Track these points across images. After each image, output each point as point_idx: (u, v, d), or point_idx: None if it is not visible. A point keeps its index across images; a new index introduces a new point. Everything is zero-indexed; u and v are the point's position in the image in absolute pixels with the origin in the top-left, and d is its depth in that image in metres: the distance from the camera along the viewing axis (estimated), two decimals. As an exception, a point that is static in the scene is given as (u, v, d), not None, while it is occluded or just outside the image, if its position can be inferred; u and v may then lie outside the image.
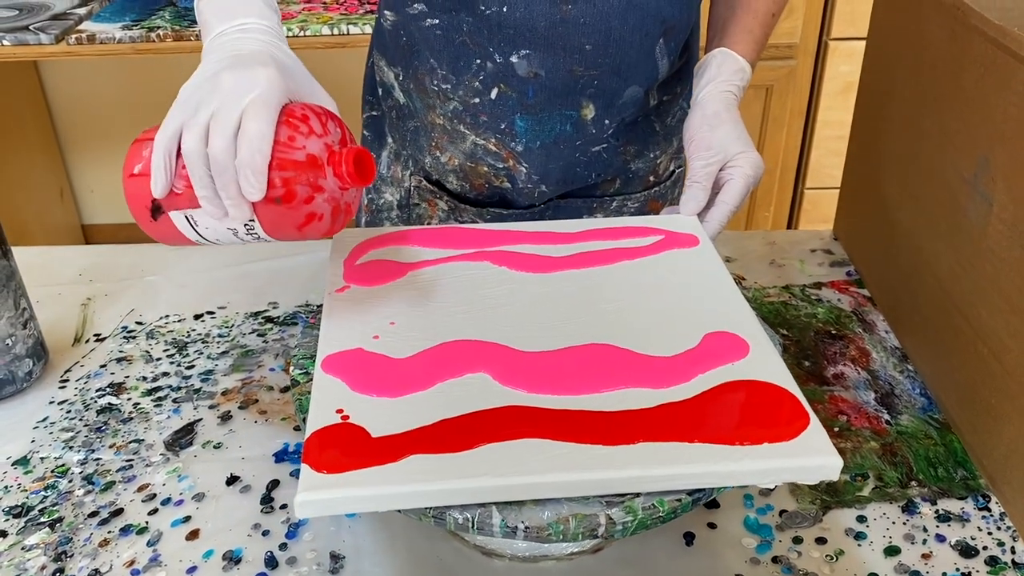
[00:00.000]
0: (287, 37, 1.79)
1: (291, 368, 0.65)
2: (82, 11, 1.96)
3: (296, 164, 0.58)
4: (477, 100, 0.87)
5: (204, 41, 0.66)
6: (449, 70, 0.87)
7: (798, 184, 2.20)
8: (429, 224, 0.99)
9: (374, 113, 1.02)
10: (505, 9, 0.80)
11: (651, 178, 0.99)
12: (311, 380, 0.63)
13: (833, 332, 0.88)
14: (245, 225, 0.61)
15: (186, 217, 0.63)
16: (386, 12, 0.92)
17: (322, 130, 0.60)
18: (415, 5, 0.86)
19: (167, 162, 0.60)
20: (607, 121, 0.88)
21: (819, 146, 2.11)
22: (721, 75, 0.83)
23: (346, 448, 0.53)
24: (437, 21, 0.85)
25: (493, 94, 0.86)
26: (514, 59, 0.83)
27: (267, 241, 0.63)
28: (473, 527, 0.51)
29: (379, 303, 0.67)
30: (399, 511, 0.52)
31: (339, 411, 0.56)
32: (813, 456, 0.53)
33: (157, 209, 0.63)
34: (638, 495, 0.52)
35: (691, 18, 0.87)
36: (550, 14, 0.80)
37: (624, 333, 0.64)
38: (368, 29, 1.81)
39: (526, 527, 0.51)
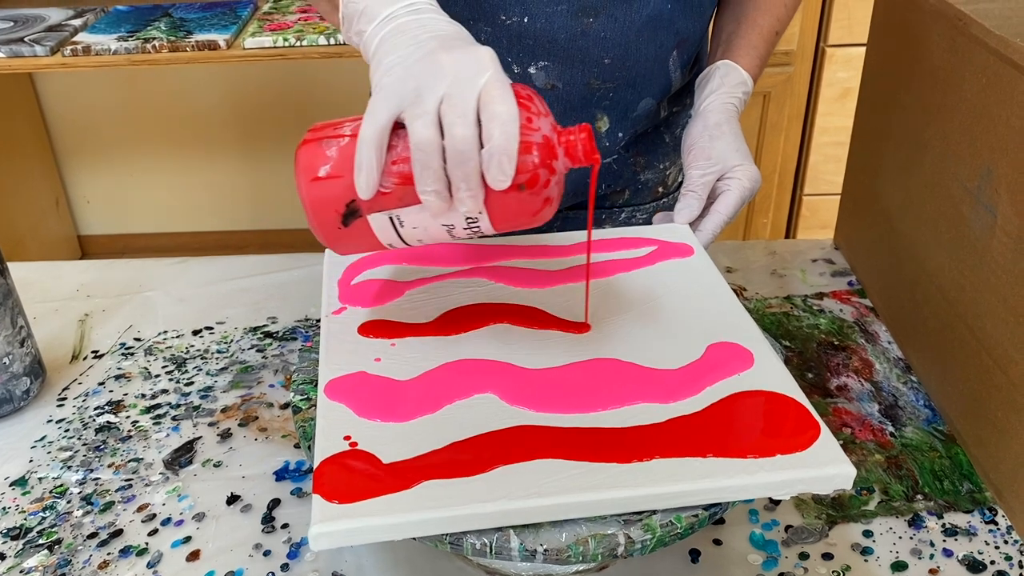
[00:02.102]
0: (282, 47, 1.80)
1: (292, 395, 0.65)
2: (77, 23, 1.95)
3: (538, 146, 0.54)
4: None
5: (361, 26, 0.61)
6: None
7: (796, 190, 2.20)
8: None
9: None
10: (526, 20, 0.80)
11: (660, 189, 0.99)
12: (313, 406, 0.62)
13: (836, 343, 0.88)
14: (467, 219, 0.56)
15: (391, 218, 0.57)
16: None
17: (545, 109, 0.56)
18: None
19: (378, 158, 0.54)
20: (620, 134, 0.88)
21: (817, 152, 2.11)
22: (724, 86, 0.83)
23: (357, 476, 0.52)
24: None
25: None
26: (532, 70, 0.83)
27: (478, 236, 0.58)
28: (491, 552, 0.51)
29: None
30: (414, 537, 0.51)
31: (347, 437, 0.55)
32: (826, 466, 0.53)
33: (352, 213, 0.57)
34: (655, 512, 0.52)
35: (703, 30, 0.87)
36: (571, 27, 0.80)
37: (627, 346, 0.63)
38: (364, 39, 1.80)
39: (545, 550, 0.51)
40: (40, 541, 0.68)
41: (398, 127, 0.55)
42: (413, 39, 0.57)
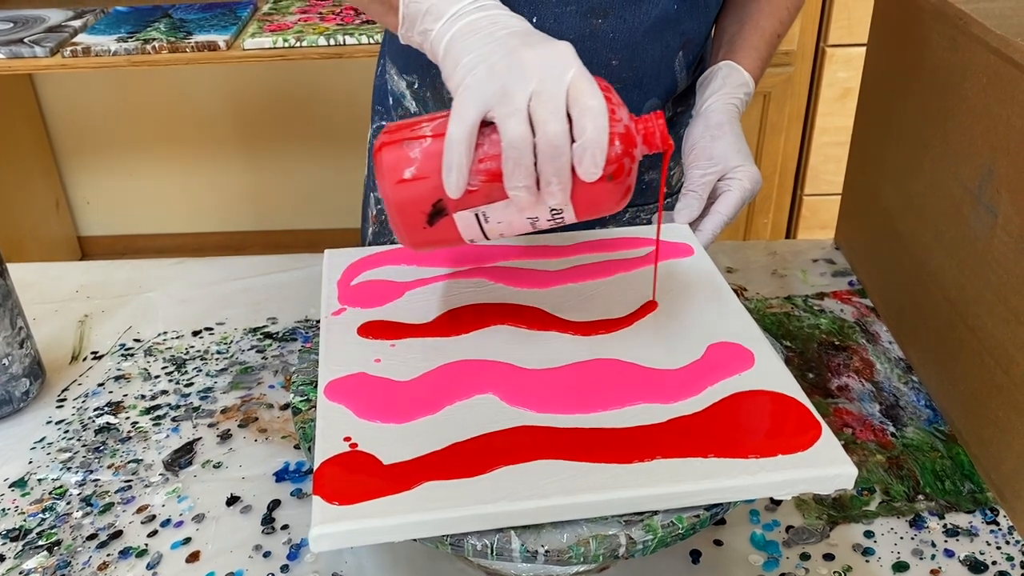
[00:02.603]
0: (281, 48, 1.80)
1: (292, 396, 0.65)
2: (77, 24, 1.95)
3: (621, 137, 0.55)
4: None
5: (427, 25, 0.62)
6: None
7: (796, 191, 2.20)
8: None
9: (383, 123, 1.01)
10: (535, 20, 0.80)
11: (664, 189, 0.99)
12: (313, 407, 0.62)
13: (836, 343, 0.88)
14: (552, 211, 0.57)
15: (476, 215, 0.58)
16: None
17: (619, 100, 0.57)
18: None
19: (468, 158, 0.55)
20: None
21: (817, 152, 2.11)
22: (726, 87, 0.83)
23: (358, 477, 0.52)
24: None
25: None
26: None
27: (560, 225, 0.59)
28: (492, 553, 0.51)
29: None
30: (415, 539, 0.51)
31: (347, 439, 0.55)
32: (828, 466, 0.53)
33: (439, 213, 0.57)
34: (656, 513, 0.52)
35: (708, 31, 0.87)
36: (580, 28, 0.80)
37: (627, 347, 0.63)
38: (365, 40, 1.80)
39: (546, 551, 0.51)
40: (40, 542, 0.68)
41: (481, 126, 0.56)
42: (489, 36, 0.58)
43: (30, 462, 0.75)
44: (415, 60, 0.92)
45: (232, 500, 0.71)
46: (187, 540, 0.68)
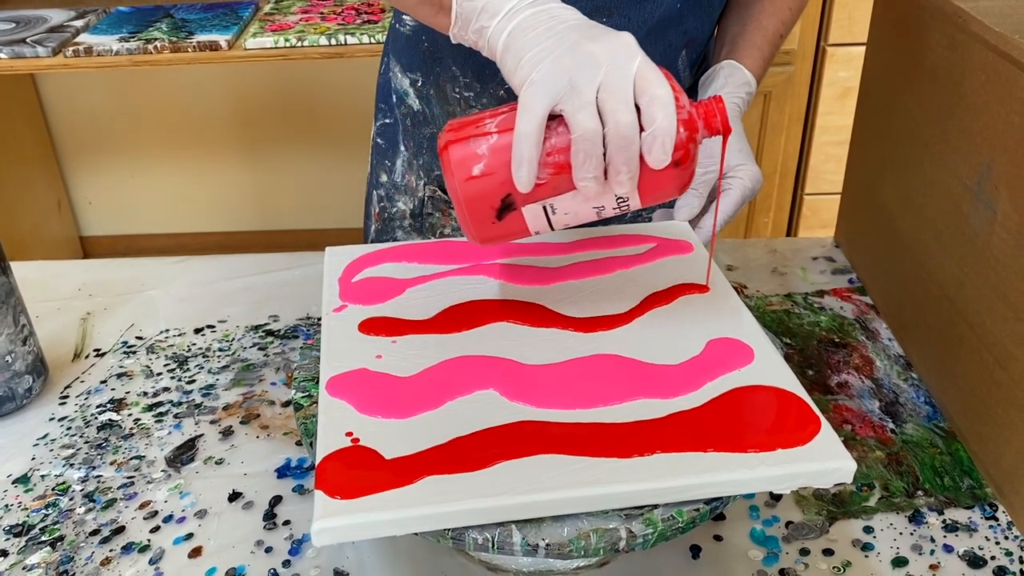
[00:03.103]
0: (283, 48, 1.80)
1: (293, 392, 0.65)
2: (79, 23, 1.96)
3: (685, 123, 0.57)
4: None
5: (483, 23, 0.62)
6: (474, 78, 0.87)
7: (797, 190, 2.20)
8: (442, 232, 0.99)
9: (387, 121, 1.01)
10: None
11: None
12: (314, 403, 0.62)
13: (836, 340, 0.88)
14: (618, 199, 0.59)
15: (545, 207, 0.59)
16: (404, 18, 0.91)
17: (680, 86, 0.58)
18: None
19: (538, 152, 0.56)
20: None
21: (818, 151, 2.11)
22: (728, 86, 0.83)
23: (359, 471, 0.52)
24: None
25: None
26: None
27: (625, 212, 0.61)
28: (493, 547, 0.51)
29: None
30: (416, 533, 0.51)
31: (348, 434, 0.55)
32: (827, 460, 0.53)
33: (508, 207, 0.59)
34: (656, 507, 0.52)
35: (711, 29, 0.88)
36: None
37: (627, 343, 0.63)
38: (366, 39, 1.81)
39: (547, 544, 0.51)
40: (43, 538, 0.68)
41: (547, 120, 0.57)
42: (549, 31, 0.58)
43: (33, 458, 0.76)
44: (419, 58, 0.92)
45: (234, 496, 0.71)
46: (189, 536, 0.68)
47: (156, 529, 0.69)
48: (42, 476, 0.74)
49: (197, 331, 0.92)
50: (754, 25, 0.87)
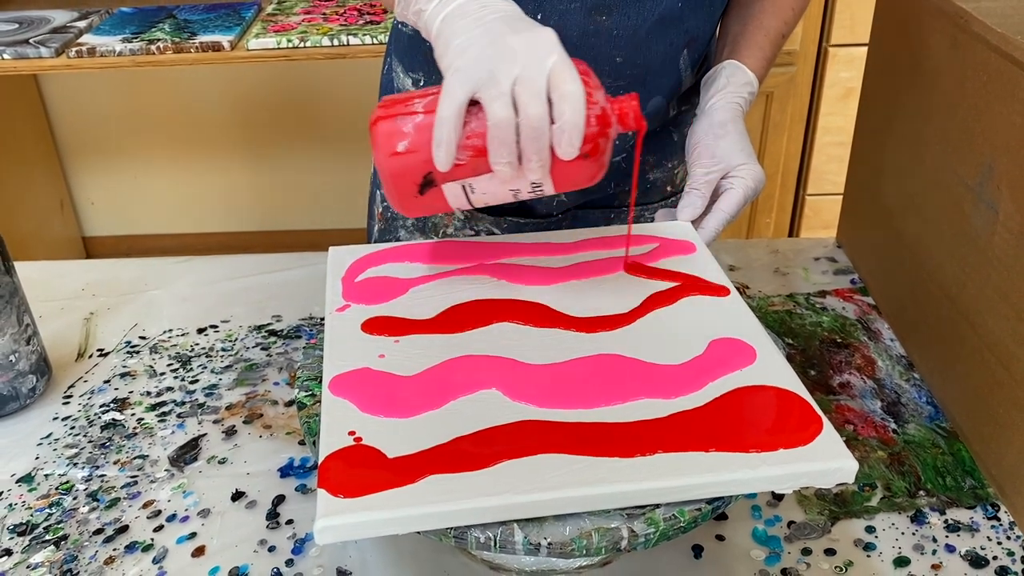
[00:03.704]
0: (285, 48, 1.81)
1: (296, 391, 0.65)
2: (82, 24, 1.96)
3: (597, 118, 0.60)
4: None
5: (420, 5, 0.65)
6: None
7: (799, 190, 2.20)
8: (445, 231, 0.99)
9: None
10: (539, 17, 0.80)
11: (668, 188, 0.99)
12: (317, 402, 0.62)
13: (838, 341, 0.88)
14: (532, 184, 0.62)
15: (464, 186, 0.63)
16: None
17: (597, 82, 0.61)
18: None
19: (456, 135, 0.59)
20: (630, 132, 0.88)
21: (820, 152, 2.11)
22: (730, 86, 0.83)
23: (362, 470, 0.52)
24: None
25: None
26: None
27: (540, 196, 0.64)
28: (495, 546, 0.51)
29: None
30: (418, 532, 0.51)
31: (351, 433, 0.55)
32: (829, 460, 0.53)
33: (428, 183, 0.63)
34: (658, 506, 0.52)
35: (712, 29, 0.88)
36: (583, 24, 0.81)
37: (630, 343, 0.63)
38: (368, 40, 1.81)
39: (549, 543, 0.51)
40: (47, 537, 0.68)
41: (469, 104, 0.60)
42: (478, 21, 0.61)
43: (37, 458, 0.76)
44: (420, 58, 0.92)
45: (237, 495, 0.72)
46: (192, 535, 0.68)
47: (159, 528, 0.69)
48: (46, 475, 0.74)
49: (200, 331, 0.92)
50: (756, 24, 0.87)
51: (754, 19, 0.88)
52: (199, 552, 0.67)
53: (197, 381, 0.85)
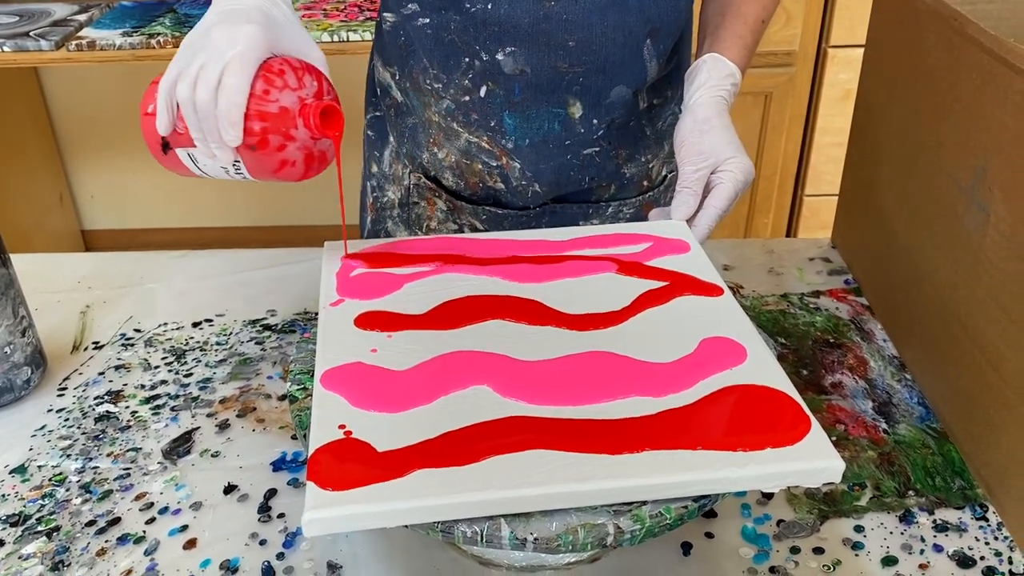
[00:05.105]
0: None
1: (289, 385, 0.65)
2: (82, 17, 1.96)
3: (269, 115, 0.65)
4: (467, 98, 0.88)
5: None
6: (440, 69, 0.88)
7: (797, 191, 2.20)
8: (428, 224, 0.99)
9: (377, 113, 1.03)
10: (490, 7, 0.81)
11: (645, 183, 0.99)
12: (309, 396, 0.62)
13: (831, 341, 0.88)
14: (233, 165, 0.68)
15: (188, 154, 0.70)
16: (385, 14, 0.93)
17: (297, 84, 0.66)
18: (409, 5, 0.86)
19: (169, 105, 0.67)
20: (595, 121, 0.88)
21: (818, 153, 2.11)
22: (712, 80, 0.83)
23: (351, 464, 0.53)
24: (428, 20, 0.85)
25: (482, 92, 0.87)
26: (500, 56, 0.84)
27: (253, 180, 0.70)
28: (482, 540, 0.51)
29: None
30: (406, 525, 0.52)
31: (341, 426, 0.56)
32: (815, 460, 0.53)
33: (166, 145, 0.70)
34: (644, 503, 0.53)
35: (679, 20, 0.87)
36: (533, 11, 0.81)
37: (621, 341, 0.64)
38: (368, 36, 1.81)
39: (535, 539, 0.51)
40: (39, 528, 0.69)
41: None
42: (214, 12, 0.68)
43: (31, 449, 0.76)
44: (395, 53, 0.93)
45: (229, 488, 0.72)
46: (184, 527, 0.68)
47: (151, 520, 0.69)
48: (39, 467, 0.74)
49: (195, 325, 0.92)
50: (734, 13, 0.87)
51: (732, 8, 0.88)
52: (191, 544, 0.67)
53: (191, 374, 0.85)
